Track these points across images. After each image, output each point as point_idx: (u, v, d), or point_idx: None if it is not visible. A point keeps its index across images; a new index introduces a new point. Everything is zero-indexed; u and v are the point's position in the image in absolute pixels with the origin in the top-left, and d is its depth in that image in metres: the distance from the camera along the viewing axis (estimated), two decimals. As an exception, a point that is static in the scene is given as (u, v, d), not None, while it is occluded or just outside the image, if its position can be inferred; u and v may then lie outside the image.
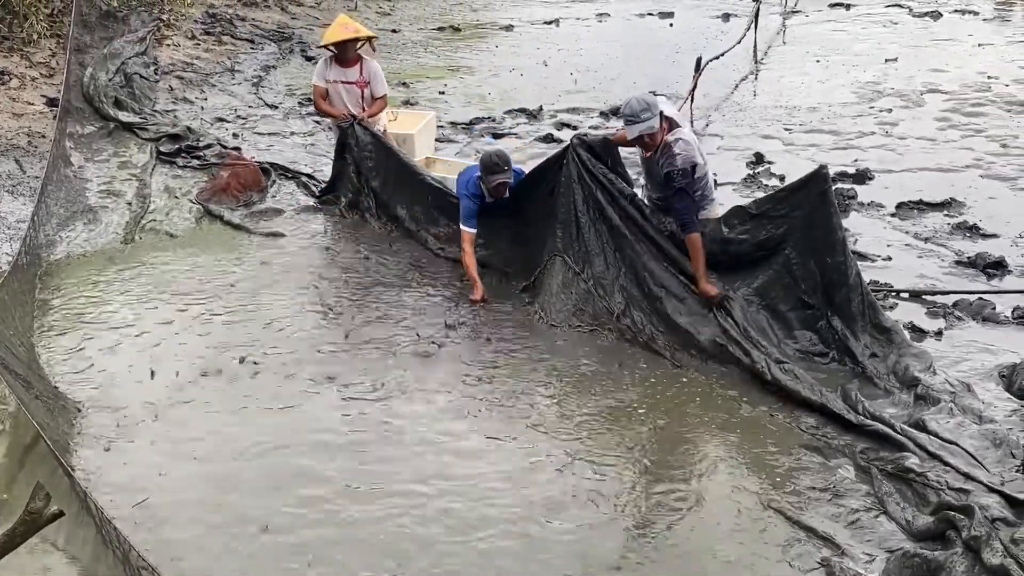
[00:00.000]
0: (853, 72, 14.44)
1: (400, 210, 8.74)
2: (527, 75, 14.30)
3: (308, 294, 7.63)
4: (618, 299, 7.07)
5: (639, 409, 6.07)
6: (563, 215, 7.33)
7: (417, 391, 6.26)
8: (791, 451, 5.65)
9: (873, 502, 5.17)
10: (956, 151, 11.07)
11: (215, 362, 6.58)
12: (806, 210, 6.60)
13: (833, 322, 6.59)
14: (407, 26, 18.02)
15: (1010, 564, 4.42)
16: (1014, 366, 6.46)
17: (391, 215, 8.82)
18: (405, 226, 8.66)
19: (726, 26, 17.76)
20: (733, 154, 10.89)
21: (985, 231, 8.82)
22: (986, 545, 4.53)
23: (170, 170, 10.15)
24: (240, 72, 14.01)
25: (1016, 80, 13.69)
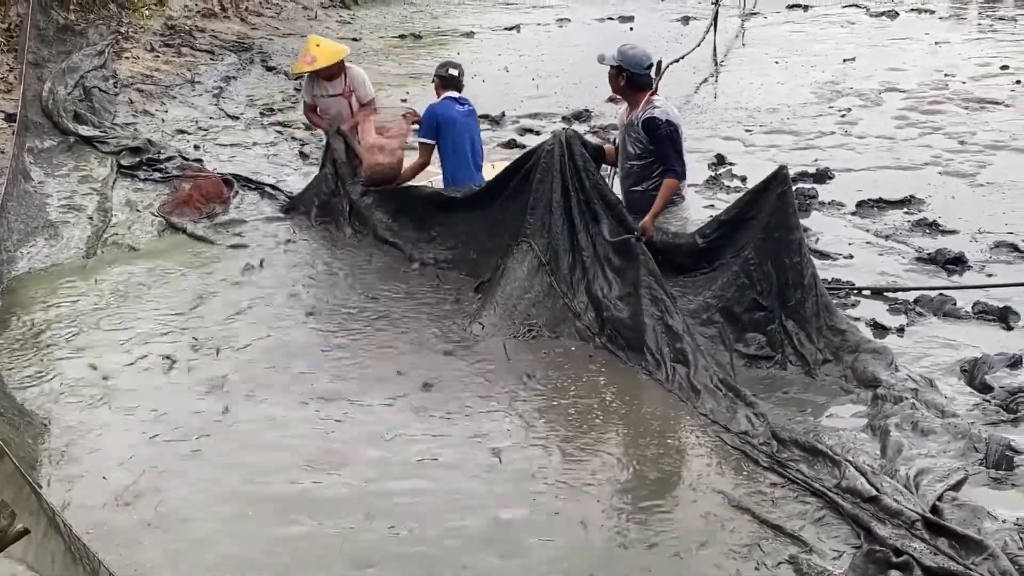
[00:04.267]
0: (812, 72, 14.58)
1: (378, 218, 8.68)
2: (489, 81, 14.32)
3: (274, 305, 7.60)
4: (582, 299, 7.07)
5: (599, 415, 6.08)
6: (535, 201, 7.28)
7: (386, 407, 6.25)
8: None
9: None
10: (915, 149, 11.20)
11: (181, 374, 6.53)
12: (766, 211, 6.64)
13: (786, 324, 6.62)
14: (368, 34, 18.01)
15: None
16: (975, 361, 6.54)
17: (367, 223, 8.75)
18: (379, 234, 8.62)
19: (686, 29, 17.88)
20: (695, 156, 10.93)
21: (944, 227, 8.92)
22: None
23: (131, 183, 10.10)
24: (200, 83, 13.95)
25: (973, 77, 13.87)
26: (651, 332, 6.59)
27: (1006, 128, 11.66)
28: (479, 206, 7.94)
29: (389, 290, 7.80)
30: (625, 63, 6.99)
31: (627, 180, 7.29)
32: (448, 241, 8.17)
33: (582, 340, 6.93)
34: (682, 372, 6.35)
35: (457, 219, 8.12)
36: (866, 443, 5.64)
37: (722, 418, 5.96)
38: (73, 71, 12.59)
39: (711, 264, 6.95)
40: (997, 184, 10.00)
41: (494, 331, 7.01)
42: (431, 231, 8.32)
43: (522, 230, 7.33)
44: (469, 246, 8.00)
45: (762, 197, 6.70)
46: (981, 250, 8.48)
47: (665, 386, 6.34)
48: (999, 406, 6.04)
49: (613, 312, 6.86)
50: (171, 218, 9.23)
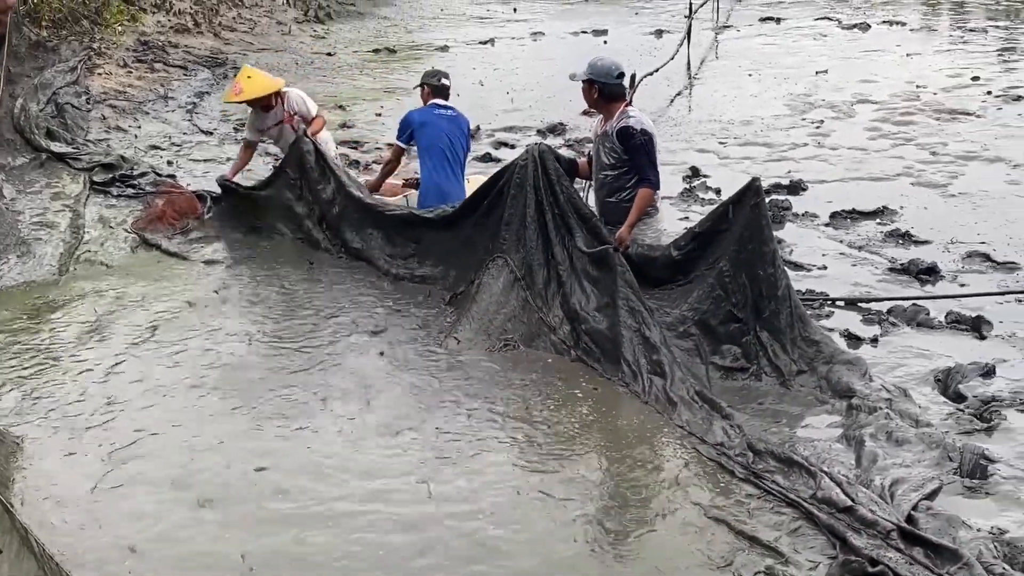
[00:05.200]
0: (785, 85, 14.66)
1: (348, 232, 8.67)
2: (464, 95, 14.24)
3: (248, 322, 7.56)
4: (557, 313, 7.08)
5: (575, 427, 6.07)
6: (509, 216, 7.30)
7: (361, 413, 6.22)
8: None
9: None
10: (887, 160, 11.27)
11: (155, 393, 6.49)
12: (740, 223, 6.66)
13: (761, 336, 6.64)
14: (342, 49, 17.99)
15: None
16: (949, 370, 6.58)
17: (341, 237, 8.72)
18: (353, 247, 8.60)
19: (659, 42, 17.94)
20: (669, 168, 10.96)
21: (917, 238, 8.98)
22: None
23: (104, 200, 10.04)
24: (174, 99, 13.91)
25: (944, 89, 13.98)
26: (628, 344, 6.60)
27: (977, 139, 11.76)
28: (455, 226, 7.93)
29: (360, 304, 7.77)
30: (596, 75, 7.03)
31: (602, 191, 7.31)
32: (427, 259, 8.16)
33: (558, 353, 6.94)
34: (659, 384, 6.36)
35: (434, 238, 8.11)
36: (841, 453, 5.67)
37: (698, 429, 5.96)
38: (45, 87, 12.52)
39: (686, 276, 6.97)
40: (969, 194, 10.07)
41: (470, 345, 7.01)
42: (408, 247, 8.31)
43: (496, 245, 7.34)
44: (448, 264, 7.99)
45: (736, 209, 6.72)
46: (953, 260, 8.53)
47: (642, 398, 6.35)
48: (973, 415, 6.08)
49: (591, 324, 6.87)
50: (144, 234, 9.18)
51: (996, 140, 11.68)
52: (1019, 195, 9.95)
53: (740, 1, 21.60)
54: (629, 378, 6.49)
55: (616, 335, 6.67)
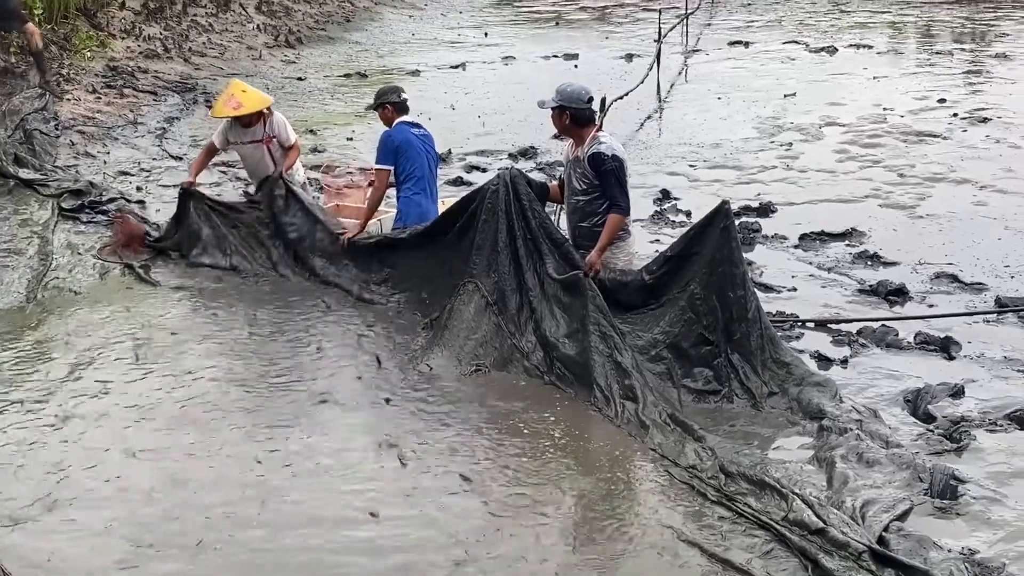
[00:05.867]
0: (754, 108, 14.77)
1: (318, 260, 8.63)
2: (435, 119, 14.28)
3: (215, 349, 7.51)
4: (529, 338, 7.08)
5: (548, 451, 6.06)
6: (481, 241, 7.29)
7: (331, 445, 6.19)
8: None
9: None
10: (855, 182, 11.37)
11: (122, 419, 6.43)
12: (710, 246, 6.68)
13: (732, 358, 6.66)
14: (313, 73, 17.99)
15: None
16: (918, 391, 6.62)
17: (309, 267, 8.69)
18: (320, 274, 8.58)
19: (629, 66, 18.04)
20: (640, 191, 11.00)
21: (886, 259, 9.05)
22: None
23: (73, 226, 9.96)
24: (143, 124, 13.85)
25: (911, 111, 14.13)
26: (600, 369, 6.60)
27: (944, 160, 11.88)
28: (425, 247, 7.92)
29: (331, 332, 7.75)
30: (565, 101, 7.05)
31: (574, 215, 7.33)
32: (400, 284, 8.14)
33: (530, 378, 6.93)
34: (631, 408, 6.37)
35: (405, 261, 8.10)
36: (812, 475, 5.67)
37: (671, 452, 5.97)
38: (13, 114, 12.44)
39: (658, 300, 6.98)
40: (936, 216, 10.17)
41: (441, 371, 6.99)
42: (382, 272, 8.28)
43: (468, 270, 7.34)
44: (421, 289, 7.98)
45: (706, 232, 6.75)
46: (922, 281, 8.61)
47: (614, 422, 6.35)
48: (942, 436, 6.12)
49: (562, 351, 6.87)
50: (113, 260, 9.13)
51: (962, 162, 11.81)
52: (986, 216, 10.06)
53: (709, 25, 21.79)
54: (601, 403, 6.49)
55: (587, 361, 6.66)
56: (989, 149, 12.28)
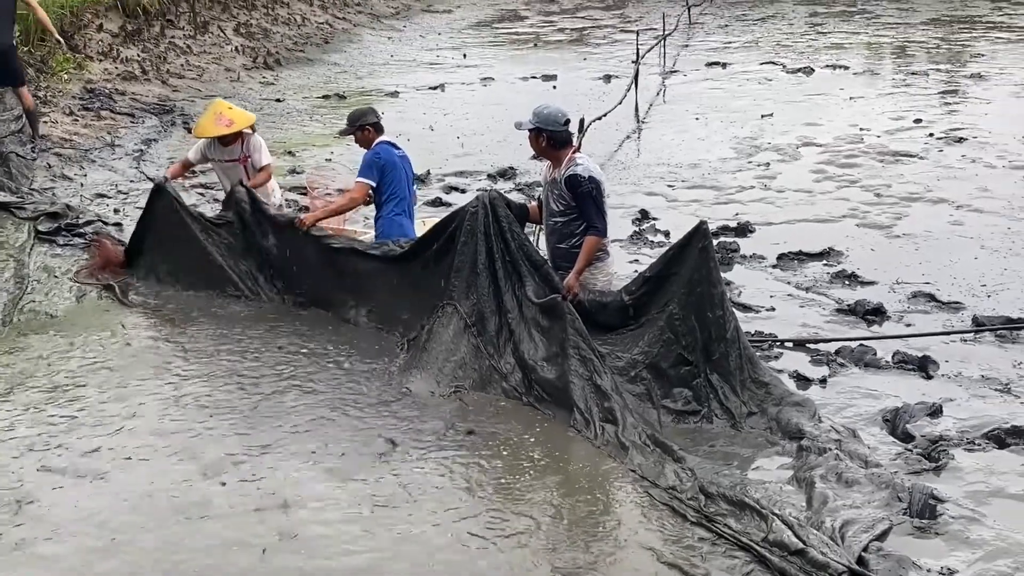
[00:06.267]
0: (731, 128, 14.83)
1: (294, 280, 8.60)
2: (414, 140, 14.31)
3: (193, 370, 7.47)
4: (508, 359, 7.07)
5: (528, 472, 6.04)
6: (460, 263, 7.28)
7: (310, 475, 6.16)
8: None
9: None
10: (832, 202, 11.42)
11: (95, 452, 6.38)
12: (689, 266, 6.69)
13: (711, 378, 6.67)
14: (291, 95, 17.98)
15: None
16: (896, 410, 6.65)
17: (285, 284, 8.67)
18: (300, 293, 8.55)
19: (608, 87, 18.11)
20: (619, 212, 11.04)
21: (863, 279, 9.09)
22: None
23: (49, 249, 9.87)
24: (121, 147, 13.78)
25: (887, 131, 14.21)
26: (580, 392, 6.60)
27: (920, 180, 11.95)
28: (404, 268, 7.91)
29: (309, 351, 7.72)
30: (543, 123, 7.06)
31: (552, 237, 7.33)
32: (378, 304, 8.11)
33: (510, 399, 6.92)
34: (611, 431, 6.36)
35: (383, 280, 8.08)
36: (792, 495, 5.68)
37: (650, 473, 5.96)
38: (-11, 136, 12.37)
39: (638, 320, 6.98)
40: (913, 235, 10.22)
41: (420, 393, 6.97)
42: (359, 290, 8.25)
43: (447, 292, 7.33)
44: (399, 310, 7.95)
45: (684, 252, 6.76)
46: (899, 300, 8.64)
47: (594, 443, 6.34)
48: (921, 455, 6.14)
49: (540, 373, 6.86)
50: (90, 282, 9.07)
51: (939, 181, 11.88)
52: (962, 236, 10.11)
53: (687, 46, 21.90)
54: (581, 425, 6.48)
55: (566, 384, 6.66)
56: (965, 169, 12.36)
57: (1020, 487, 5.86)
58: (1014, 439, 6.30)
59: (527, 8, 29.14)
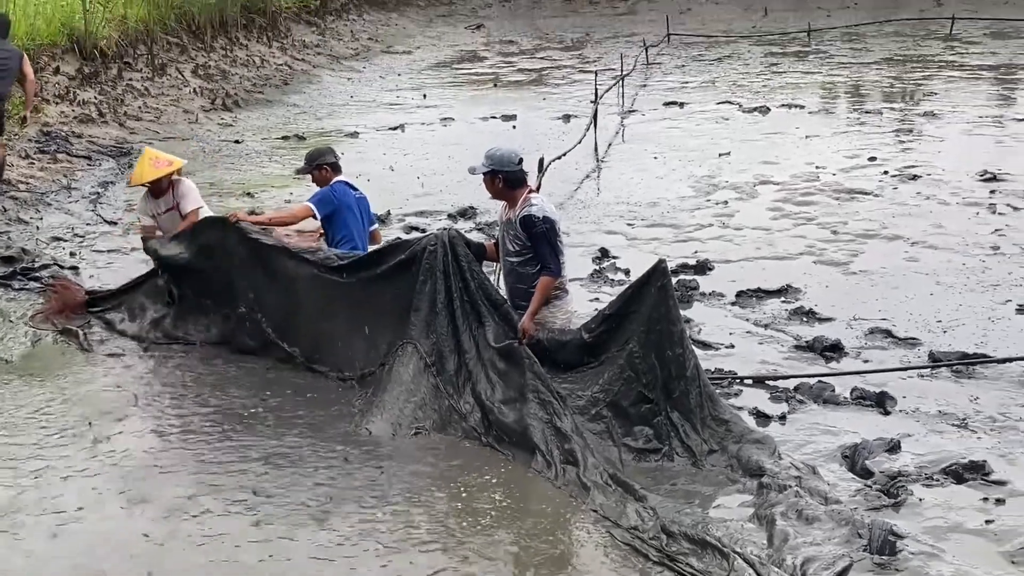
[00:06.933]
0: (689, 167, 14.93)
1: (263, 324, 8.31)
2: (374, 180, 14.31)
3: (149, 417, 7.39)
4: (468, 400, 7.04)
5: (490, 514, 6.02)
6: (418, 302, 7.25)
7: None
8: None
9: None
10: (790, 239, 11.50)
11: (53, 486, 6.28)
12: (648, 304, 6.72)
13: (672, 416, 6.68)
14: (250, 136, 17.94)
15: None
16: (855, 446, 6.67)
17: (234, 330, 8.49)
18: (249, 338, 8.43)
19: (567, 127, 18.21)
20: (579, 250, 11.07)
21: (821, 315, 9.14)
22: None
23: (4, 293, 9.79)
24: (77, 189, 13.69)
25: (843, 169, 14.35)
26: (540, 435, 6.60)
27: (876, 217, 12.08)
28: (357, 302, 7.80)
29: (266, 394, 7.68)
30: (496, 165, 7.06)
31: (510, 277, 7.35)
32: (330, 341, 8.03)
33: (470, 440, 6.90)
34: (572, 472, 6.35)
35: (339, 314, 7.94)
36: (753, 533, 5.69)
37: (612, 513, 5.95)
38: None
39: (598, 358, 6.98)
40: (869, 272, 10.31)
41: (381, 433, 6.94)
42: (296, 327, 8.15)
43: (406, 331, 7.30)
44: (353, 348, 7.88)
45: (643, 290, 6.79)
46: (857, 336, 8.70)
47: (555, 484, 6.32)
48: (880, 491, 6.16)
49: (497, 416, 6.85)
50: (46, 327, 8.97)
51: (894, 218, 12.01)
52: (918, 272, 10.21)
53: (645, 86, 22.09)
54: (542, 466, 6.47)
55: (525, 428, 6.66)
56: (920, 206, 12.51)
57: (978, 522, 5.89)
58: (972, 474, 6.34)
59: (486, 49, 29.31)
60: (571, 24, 32.61)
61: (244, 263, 8.31)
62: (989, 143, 15.54)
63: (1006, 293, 9.49)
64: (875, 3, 31.09)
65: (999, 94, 19.71)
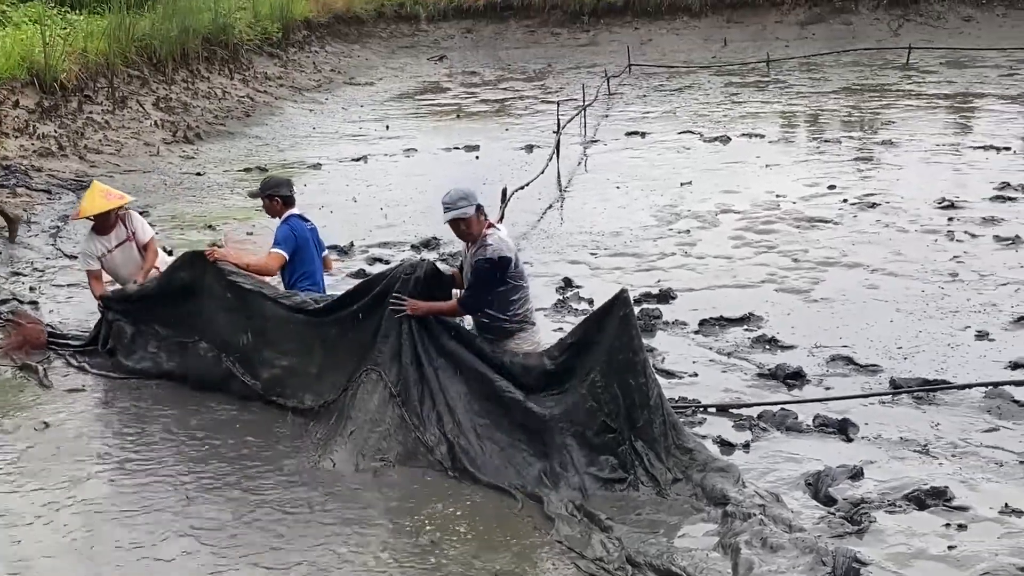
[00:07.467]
0: (652, 196, 15.01)
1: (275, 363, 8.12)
2: (337, 212, 14.32)
3: (104, 454, 7.31)
4: (433, 431, 7.01)
5: (454, 547, 6.00)
6: (387, 329, 7.22)
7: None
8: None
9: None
10: (751, 267, 11.57)
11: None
12: (610, 334, 6.73)
13: (636, 445, 6.69)
14: (212, 168, 17.88)
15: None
16: (818, 474, 6.70)
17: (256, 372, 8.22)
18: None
19: (530, 157, 18.26)
20: (543, 280, 11.09)
21: (783, 343, 9.20)
22: None
23: (-38, 329, 9.68)
24: (37, 224, 13.58)
25: (803, 197, 14.46)
26: (503, 471, 6.62)
27: (836, 245, 12.18)
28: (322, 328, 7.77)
29: (226, 428, 7.65)
30: (459, 213, 6.99)
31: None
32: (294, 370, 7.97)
33: (435, 472, 6.86)
34: (537, 505, 6.34)
35: (296, 341, 7.90)
36: (718, 562, 5.70)
37: (577, 544, 5.95)
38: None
39: (560, 386, 6.96)
40: (830, 299, 10.38)
41: (344, 466, 6.90)
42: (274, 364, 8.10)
43: (373, 357, 7.26)
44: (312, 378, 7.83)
45: (605, 319, 6.80)
46: (818, 364, 8.75)
47: (519, 516, 6.31)
48: (843, 518, 6.19)
49: (463, 446, 6.84)
50: (5, 363, 8.87)
51: (853, 246, 12.11)
52: (878, 299, 10.29)
53: (607, 116, 22.20)
54: (508, 500, 6.46)
55: (486, 461, 6.66)
56: (879, 233, 12.63)
57: (941, 548, 5.93)
58: (934, 500, 6.39)
59: (449, 80, 29.40)
60: (533, 55, 32.76)
61: (216, 300, 8.27)
62: (947, 171, 15.71)
63: (965, 319, 9.59)
64: (833, 33, 31.41)
65: (956, 122, 19.96)
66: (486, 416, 6.93)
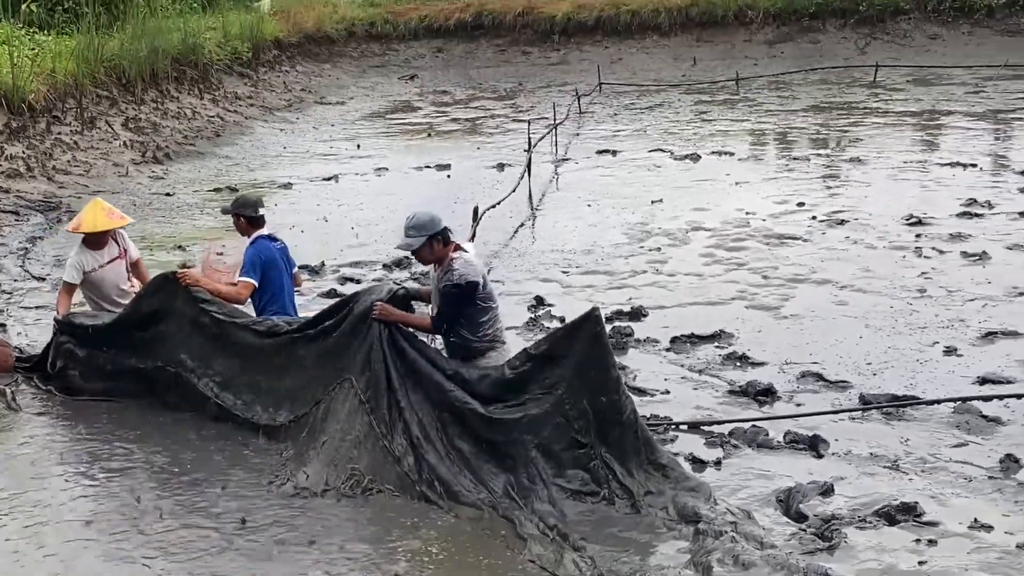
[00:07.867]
0: (623, 214, 15.05)
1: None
2: (308, 231, 14.29)
3: (70, 478, 7.24)
4: (400, 441, 6.97)
5: (427, 568, 5.97)
6: (359, 342, 7.20)
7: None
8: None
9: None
10: (722, 284, 11.62)
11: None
12: (580, 351, 6.72)
13: (607, 459, 6.69)
14: (181, 188, 17.81)
15: None
16: (789, 490, 6.72)
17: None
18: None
19: (501, 175, 18.29)
20: (515, 299, 11.09)
21: (754, 360, 9.23)
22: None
23: (-72, 351, 9.56)
24: (4, 245, 13.48)
25: (772, 215, 14.55)
26: (472, 494, 6.62)
27: (805, 262, 12.25)
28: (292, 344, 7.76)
29: (197, 450, 7.59)
30: (430, 232, 6.98)
31: (446, 334, 7.32)
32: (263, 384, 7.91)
33: (403, 490, 6.81)
34: (507, 524, 6.33)
35: (270, 358, 7.86)
36: (691, 581, 5.70)
37: (549, 564, 5.93)
38: None
39: (518, 396, 6.90)
40: (799, 316, 10.44)
41: (318, 480, 6.86)
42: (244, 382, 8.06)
43: (344, 365, 7.24)
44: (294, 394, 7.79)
45: (574, 336, 6.78)
46: (789, 380, 8.79)
47: (490, 535, 6.29)
48: (815, 535, 6.21)
49: (432, 462, 6.81)
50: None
51: (823, 263, 12.19)
52: (847, 315, 10.36)
53: (577, 135, 22.29)
54: (477, 517, 6.45)
55: (455, 480, 6.66)
56: (848, 250, 12.71)
57: (911, 563, 5.96)
58: (904, 516, 6.41)
59: (420, 99, 29.44)
60: (504, 74, 32.88)
61: (188, 324, 8.21)
62: (914, 187, 15.85)
63: (933, 335, 9.66)
64: (801, 52, 31.68)
65: (923, 139, 20.16)
66: (449, 426, 6.91)
